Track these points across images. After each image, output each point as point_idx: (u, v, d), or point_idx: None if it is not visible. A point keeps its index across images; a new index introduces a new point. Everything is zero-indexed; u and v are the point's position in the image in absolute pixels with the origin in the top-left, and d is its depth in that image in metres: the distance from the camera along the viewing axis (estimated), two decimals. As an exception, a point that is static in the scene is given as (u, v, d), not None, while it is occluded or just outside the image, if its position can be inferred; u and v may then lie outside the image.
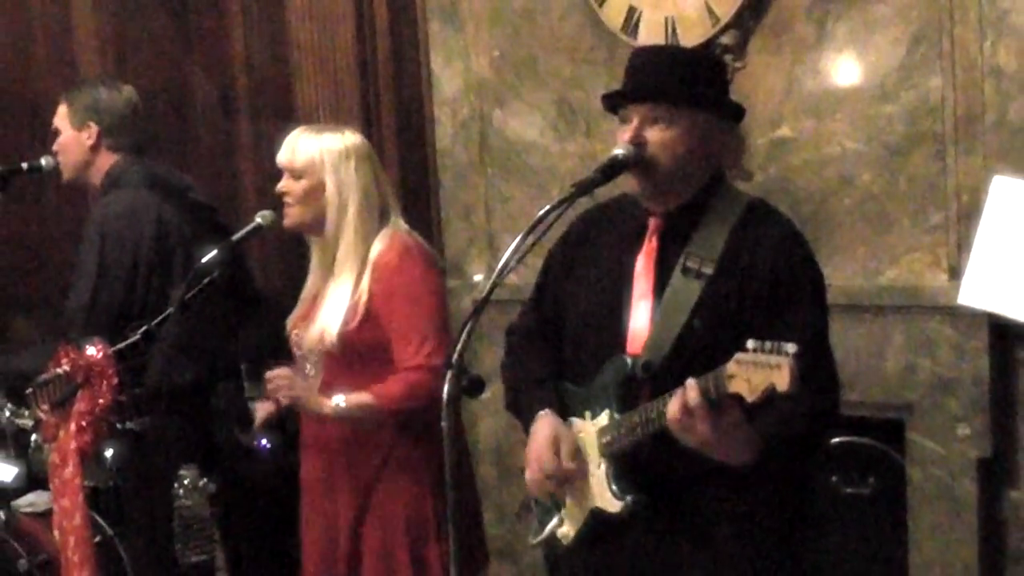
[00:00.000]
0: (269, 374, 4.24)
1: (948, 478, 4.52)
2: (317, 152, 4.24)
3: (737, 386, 2.88)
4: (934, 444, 4.54)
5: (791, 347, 2.79)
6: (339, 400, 4.15)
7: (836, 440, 4.76)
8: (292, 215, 4.27)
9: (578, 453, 3.36)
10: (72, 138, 5.17)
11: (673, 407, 3.01)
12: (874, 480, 4.81)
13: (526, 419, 3.51)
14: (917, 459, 4.60)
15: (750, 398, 2.86)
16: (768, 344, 2.82)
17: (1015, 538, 4.50)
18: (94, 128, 5.11)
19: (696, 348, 3.18)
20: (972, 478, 4.49)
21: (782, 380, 2.79)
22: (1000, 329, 4.38)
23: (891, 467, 4.74)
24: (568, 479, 3.37)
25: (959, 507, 4.52)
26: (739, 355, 2.88)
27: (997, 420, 4.43)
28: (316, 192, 4.22)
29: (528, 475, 3.44)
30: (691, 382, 2.99)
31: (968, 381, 4.44)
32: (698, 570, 3.31)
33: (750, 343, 2.85)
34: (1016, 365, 4.42)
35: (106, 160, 5.11)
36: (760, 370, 2.83)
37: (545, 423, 3.42)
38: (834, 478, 4.81)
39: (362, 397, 4.13)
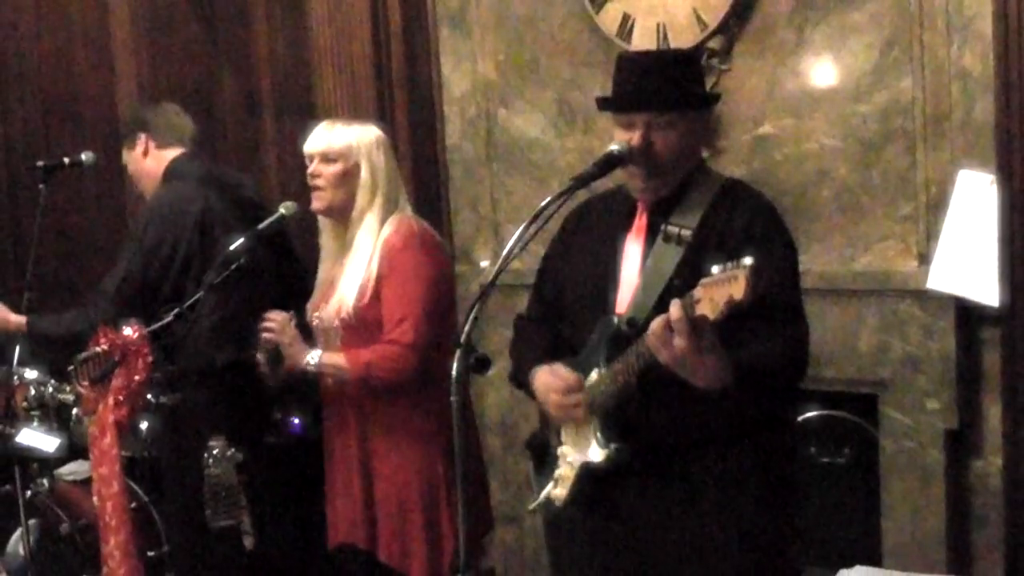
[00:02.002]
0: (268, 314, 4.27)
1: (918, 449, 4.53)
2: (353, 139, 4.25)
3: (703, 307, 2.86)
4: (905, 417, 4.54)
5: (748, 260, 2.78)
6: (314, 355, 4.20)
7: (814, 413, 4.77)
8: (324, 198, 4.25)
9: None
10: (130, 159, 5.19)
11: (656, 323, 3.01)
12: (849, 451, 4.82)
13: (527, 385, 3.54)
14: (889, 431, 4.60)
15: (713, 315, 2.84)
16: (729, 264, 2.81)
17: (979, 504, 4.51)
18: (142, 136, 5.12)
19: None
20: (940, 449, 4.49)
21: (739, 289, 2.77)
22: (965, 311, 4.38)
23: (865, 438, 4.74)
24: (578, 395, 3.35)
25: (928, 475, 4.52)
26: (704, 279, 2.86)
27: (963, 395, 4.43)
28: (350, 175, 4.23)
29: (551, 409, 3.43)
30: (676, 301, 2.98)
31: (936, 359, 4.44)
32: (685, 531, 3.32)
33: (714, 268, 2.84)
34: (980, 344, 4.42)
35: (162, 160, 5.10)
36: (721, 286, 2.81)
37: (542, 369, 3.45)
38: (812, 449, 4.81)
39: (335, 358, 4.19)
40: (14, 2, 6.90)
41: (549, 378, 3.41)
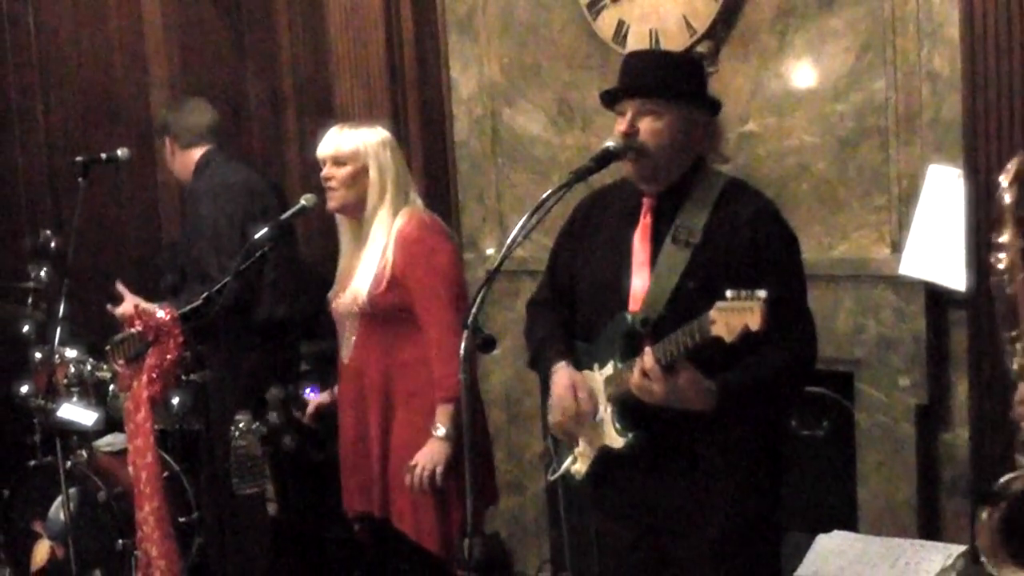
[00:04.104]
0: (411, 481, 4.19)
1: (891, 423, 4.53)
2: (361, 142, 4.27)
3: (718, 330, 2.91)
4: (879, 393, 4.54)
5: (762, 293, 2.85)
6: (440, 430, 4.13)
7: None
8: (337, 198, 4.26)
9: (592, 396, 3.38)
10: (165, 159, 5.40)
11: (635, 374, 3.10)
12: (827, 424, 4.81)
13: (545, 373, 3.53)
14: (864, 406, 4.60)
15: (728, 339, 2.90)
16: (744, 292, 2.87)
17: (948, 474, 4.51)
18: (167, 140, 5.26)
19: (686, 305, 3.16)
20: (911, 422, 4.49)
21: (754, 320, 2.85)
22: (935, 295, 4.38)
23: (842, 413, 4.74)
24: (585, 418, 3.38)
25: (900, 447, 4.52)
26: (719, 303, 2.92)
27: (932, 372, 4.43)
28: (360, 176, 4.24)
29: (551, 419, 3.47)
30: (648, 350, 3.07)
31: (908, 339, 4.44)
32: (683, 498, 3.35)
33: (729, 292, 2.90)
34: (948, 325, 4.42)
35: (190, 158, 5.22)
36: (736, 314, 2.88)
37: (563, 373, 3.44)
38: (793, 423, 4.81)
39: (442, 411, 4.13)
40: (55, 9, 6.91)
41: (564, 392, 3.41)
